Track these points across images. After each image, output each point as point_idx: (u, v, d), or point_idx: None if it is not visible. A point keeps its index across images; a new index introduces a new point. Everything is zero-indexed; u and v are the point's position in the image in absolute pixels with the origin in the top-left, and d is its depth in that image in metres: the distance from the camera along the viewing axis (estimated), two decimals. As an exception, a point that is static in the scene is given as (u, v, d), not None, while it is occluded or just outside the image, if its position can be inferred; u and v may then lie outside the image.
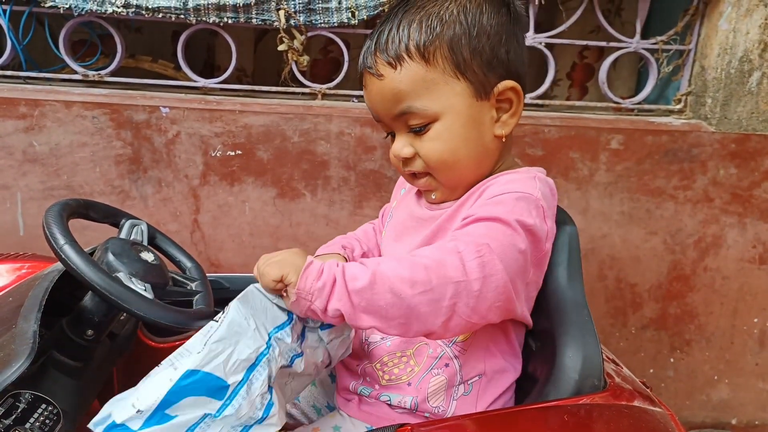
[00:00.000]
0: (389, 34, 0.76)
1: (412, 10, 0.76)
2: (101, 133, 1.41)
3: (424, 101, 0.75)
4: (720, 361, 1.62)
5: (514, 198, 0.73)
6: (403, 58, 0.74)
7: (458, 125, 0.76)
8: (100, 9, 1.36)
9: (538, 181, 0.77)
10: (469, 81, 0.75)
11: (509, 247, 0.69)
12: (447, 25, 0.74)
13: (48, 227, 0.81)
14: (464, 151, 0.78)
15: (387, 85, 0.76)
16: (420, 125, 0.77)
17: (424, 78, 0.75)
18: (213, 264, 1.51)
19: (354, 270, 0.66)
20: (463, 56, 0.74)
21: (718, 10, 1.46)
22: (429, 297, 0.65)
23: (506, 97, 0.78)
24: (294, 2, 1.38)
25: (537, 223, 0.73)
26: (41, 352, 0.83)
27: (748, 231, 1.53)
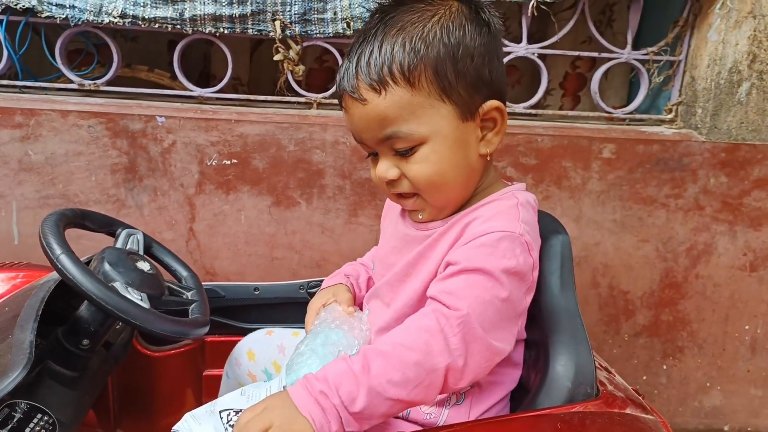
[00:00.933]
0: (371, 56, 0.74)
1: (393, 31, 0.74)
2: (97, 142, 1.42)
3: (410, 125, 0.74)
4: (712, 367, 1.64)
5: (497, 239, 0.73)
6: (387, 82, 0.73)
7: (445, 148, 0.76)
8: (96, 19, 1.37)
9: (520, 210, 0.78)
10: (455, 103, 0.75)
11: (490, 302, 0.71)
12: (431, 47, 0.72)
13: (45, 237, 0.81)
14: (452, 173, 0.77)
15: (371, 110, 0.75)
16: (406, 148, 0.76)
17: (409, 102, 0.73)
18: (209, 272, 1.51)
19: (349, 389, 0.66)
20: (448, 79, 0.73)
21: (708, 22, 1.48)
22: (424, 388, 0.69)
23: (491, 116, 0.78)
24: (290, 13, 1.39)
25: (521, 262, 0.73)
26: (37, 361, 0.83)
27: (738, 239, 1.55)
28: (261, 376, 1.06)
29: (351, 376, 0.67)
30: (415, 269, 0.83)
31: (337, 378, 0.67)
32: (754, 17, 1.43)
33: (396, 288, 0.86)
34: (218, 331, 1.24)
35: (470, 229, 0.77)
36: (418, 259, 0.83)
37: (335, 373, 0.68)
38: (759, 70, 1.46)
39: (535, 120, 1.57)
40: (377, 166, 0.80)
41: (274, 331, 1.13)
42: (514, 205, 0.79)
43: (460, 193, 0.81)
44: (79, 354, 0.88)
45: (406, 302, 0.82)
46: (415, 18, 0.74)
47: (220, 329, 1.24)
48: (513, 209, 0.78)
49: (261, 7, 1.38)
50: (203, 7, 1.37)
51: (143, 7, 1.37)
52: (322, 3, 1.39)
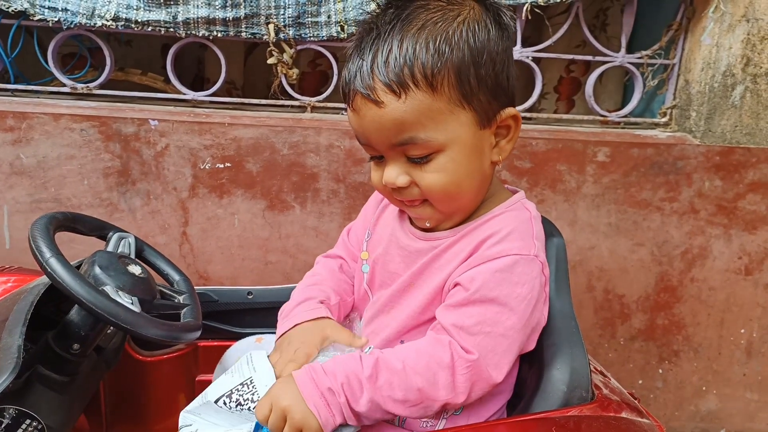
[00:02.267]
0: (389, 54, 0.68)
1: (413, 29, 0.69)
2: (89, 145, 1.41)
3: (429, 132, 0.70)
4: (708, 371, 1.63)
5: (512, 263, 0.72)
6: (408, 85, 0.68)
7: (462, 156, 0.73)
8: (89, 22, 1.37)
9: (534, 224, 0.78)
10: (475, 110, 0.71)
11: (503, 336, 0.72)
12: (456, 50, 0.68)
13: (34, 240, 0.81)
14: (467, 182, 0.75)
15: (388, 113, 0.69)
16: (422, 155, 0.72)
17: (430, 108, 0.69)
18: (202, 276, 1.50)
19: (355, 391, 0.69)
20: (470, 84, 0.70)
21: (701, 26, 1.49)
22: (420, 409, 0.72)
23: (506, 123, 0.76)
24: (283, 16, 1.39)
25: (535, 285, 0.74)
26: (26, 366, 0.82)
27: (733, 242, 1.55)
28: None
29: (358, 380, 0.70)
30: (419, 279, 0.81)
31: (346, 377, 0.70)
32: (748, 21, 1.43)
33: (399, 298, 0.84)
34: (211, 336, 1.23)
35: (484, 248, 0.75)
36: (423, 270, 0.80)
37: (345, 371, 0.70)
38: (753, 73, 1.46)
39: (529, 123, 1.57)
40: (385, 172, 0.75)
41: (263, 338, 1.12)
42: (528, 219, 0.78)
43: (471, 202, 0.79)
44: (69, 359, 0.87)
45: (409, 313, 0.81)
46: (437, 17, 0.69)
47: (213, 334, 1.23)
48: (527, 224, 0.77)
49: (255, 10, 1.38)
50: (197, 10, 1.37)
51: (136, 10, 1.37)
52: (316, 6, 1.39)
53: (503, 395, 0.84)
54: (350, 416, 0.70)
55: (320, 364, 0.72)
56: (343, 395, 0.69)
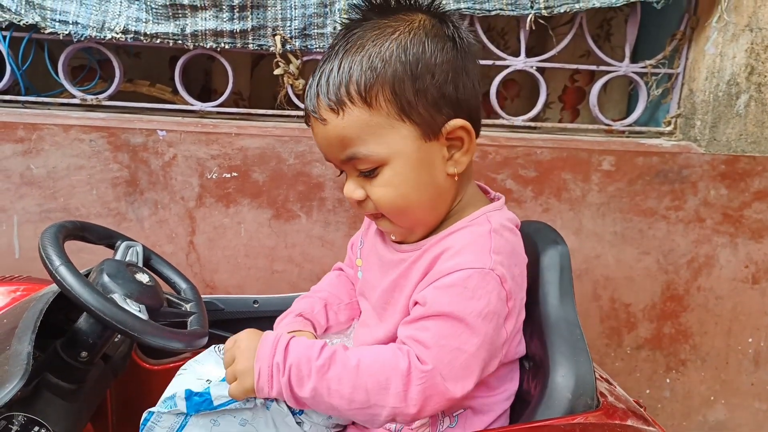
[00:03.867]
0: (330, 74, 0.72)
1: (353, 50, 0.72)
2: (98, 156, 1.43)
3: (370, 147, 0.72)
4: (716, 381, 1.62)
5: (466, 277, 0.70)
6: (345, 102, 0.71)
7: (408, 169, 0.73)
8: (99, 35, 1.39)
9: (492, 238, 0.74)
10: (416, 123, 0.72)
11: (459, 350, 0.70)
12: (388, 65, 0.70)
13: (44, 249, 0.82)
14: (415, 195, 0.75)
15: (331, 130, 0.73)
16: (368, 170, 0.74)
17: (368, 123, 0.71)
18: (208, 285, 1.51)
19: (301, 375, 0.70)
20: (407, 98, 0.71)
21: (705, 35, 1.49)
22: (365, 412, 0.70)
23: (457, 135, 0.75)
24: (290, 28, 1.41)
25: (492, 299, 0.71)
26: (35, 374, 0.83)
27: (739, 251, 1.54)
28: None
29: (309, 366, 0.70)
30: (393, 298, 0.81)
31: (297, 359, 0.70)
32: (751, 30, 1.44)
33: (380, 315, 0.85)
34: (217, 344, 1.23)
35: (439, 264, 0.74)
36: (395, 288, 0.81)
37: (299, 354, 0.71)
38: (757, 82, 1.46)
39: (534, 133, 1.58)
40: (345, 186, 0.78)
41: None
42: (487, 232, 0.75)
43: (427, 215, 0.78)
44: (77, 366, 0.88)
45: (386, 333, 0.81)
46: (375, 35, 0.72)
47: (219, 342, 1.23)
48: (484, 238, 0.74)
49: (262, 22, 1.40)
50: (204, 22, 1.39)
51: (145, 23, 1.39)
52: (322, 18, 1.41)
53: (500, 404, 0.83)
54: (289, 397, 0.71)
55: (289, 337, 0.73)
56: (286, 376, 0.70)
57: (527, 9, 1.42)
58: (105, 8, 1.38)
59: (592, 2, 1.42)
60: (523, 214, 1.50)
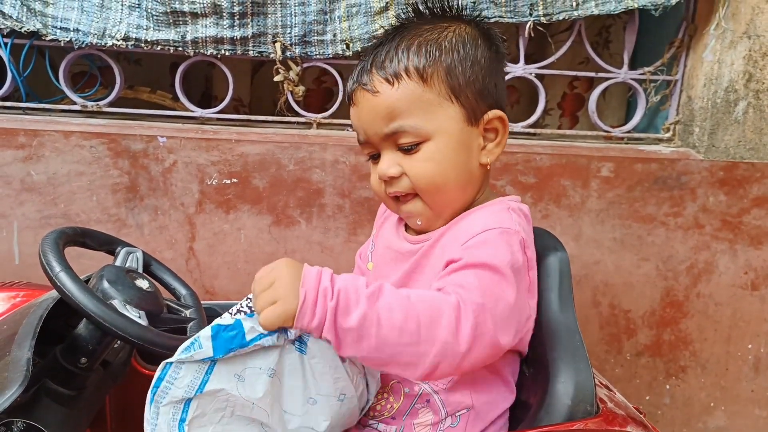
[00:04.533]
0: (387, 54, 0.78)
1: (410, 36, 0.79)
2: (99, 162, 1.43)
3: (417, 120, 0.77)
4: (716, 387, 1.62)
5: (498, 234, 0.74)
6: (402, 76, 0.77)
7: (449, 148, 0.78)
8: (100, 42, 1.39)
9: (513, 213, 0.80)
10: (462, 105, 0.78)
11: (501, 298, 0.70)
12: (445, 52, 0.77)
13: (44, 255, 0.82)
14: (453, 173, 0.80)
15: (382, 101, 0.78)
16: (411, 144, 0.78)
17: (420, 97, 0.77)
18: (208, 291, 1.51)
19: (349, 303, 0.64)
20: (458, 81, 0.77)
21: (703, 42, 1.50)
22: (414, 349, 0.65)
23: (493, 126, 0.82)
24: (290, 35, 1.42)
25: (519, 258, 0.75)
26: (34, 380, 0.83)
27: (739, 257, 1.55)
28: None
29: (357, 294, 0.64)
30: (411, 279, 0.83)
31: (346, 287, 0.64)
32: (749, 37, 1.44)
33: None
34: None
35: (465, 229, 0.78)
36: (415, 269, 0.83)
37: (347, 283, 0.65)
38: (755, 89, 1.47)
39: (533, 139, 1.58)
40: (380, 164, 0.81)
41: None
42: (506, 208, 0.81)
43: (458, 198, 0.82)
44: (76, 373, 0.88)
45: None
46: (431, 28, 0.80)
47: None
48: (505, 212, 0.80)
49: (262, 29, 1.41)
50: (205, 29, 1.39)
51: (146, 30, 1.40)
52: (322, 25, 1.41)
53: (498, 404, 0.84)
54: (330, 328, 0.63)
55: (329, 270, 0.67)
56: (334, 301, 0.63)
57: (526, 16, 1.43)
58: (106, 15, 1.39)
59: (591, 9, 1.43)
60: (523, 220, 1.50)
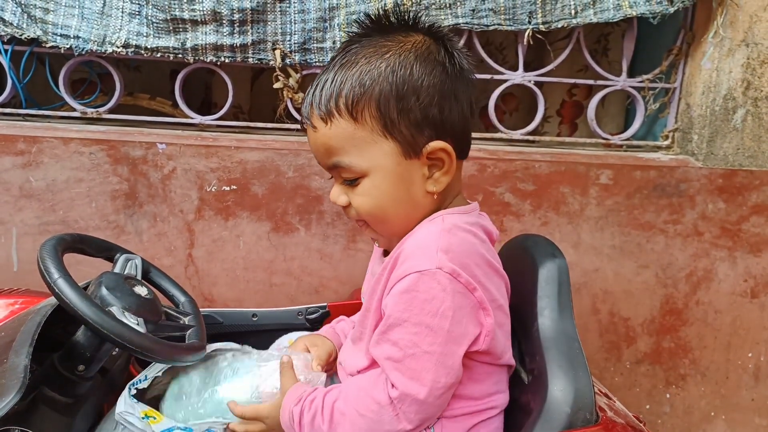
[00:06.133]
0: (324, 86, 0.77)
1: (347, 65, 0.76)
2: (98, 168, 1.43)
3: (352, 158, 0.77)
4: (716, 396, 1.62)
5: (415, 281, 0.74)
6: (333, 114, 0.76)
7: (386, 183, 0.77)
8: (100, 49, 1.40)
9: (442, 236, 0.76)
10: (397, 141, 0.76)
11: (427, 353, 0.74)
12: (375, 83, 0.74)
13: (43, 261, 0.82)
14: (392, 208, 0.79)
15: (319, 138, 0.78)
16: (350, 179, 0.79)
17: (353, 136, 0.76)
18: (207, 299, 1.51)
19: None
20: (390, 116, 0.75)
21: (701, 50, 1.51)
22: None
23: (437, 156, 0.78)
24: (289, 42, 1.42)
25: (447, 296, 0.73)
26: (32, 388, 0.82)
27: (738, 265, 1.54)
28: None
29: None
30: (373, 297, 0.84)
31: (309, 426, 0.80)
32: (747, 45, 1.45)
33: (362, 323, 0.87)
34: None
35: (396, 268, 0.78)
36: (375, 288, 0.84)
37: (309, 423, 0.80)
38: (753, 97, 1.47)
39: (532, 146, 1.58)
40: (331, 191, 0.84)
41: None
42: (438, 231, 0.78)
43: (402, 227, 0.82)
44: (74, 380, 0.87)
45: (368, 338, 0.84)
46: (371, 52, 0.76)
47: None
48: (434, 237, 0.77)
49: (261, 36, 1.41)
50: (205, 36, 1.40)
51: (146, 37, 1.40)
52: (321, 33, 1.42)
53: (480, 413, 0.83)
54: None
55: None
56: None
57: (525, 24, 1.44)
58: (106, 22, 1.39)
59: (589, 17, 1.43)
60: (522, 227, 1.50)
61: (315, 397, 0.81)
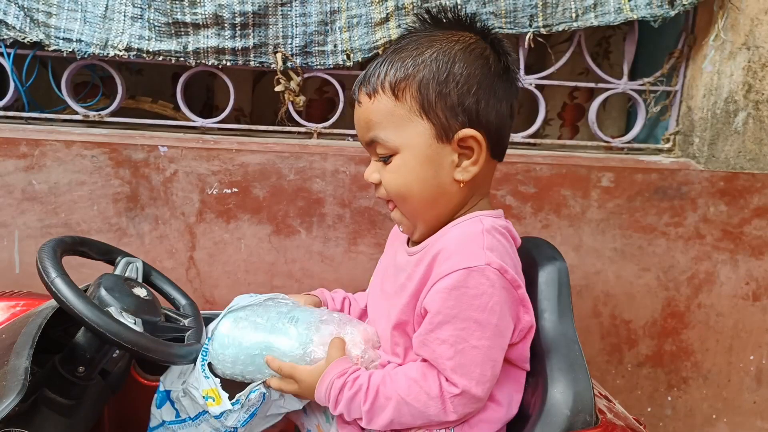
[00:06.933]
0: (375, 68, 0.83)
1: (398, 51, 0.82)
2: (100, 171, 1.44)
3: (388, 133, 0.81)
4: (718, 399, 1.61)
5: (464, 277, 0.76)
6: (378, 90, 0.81)
7: (415, 162, 0.81)
8: (102, 52, 1.40)
9: (486, 235, 0.80)
10: (432, 122, 0.80)
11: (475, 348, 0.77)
12: (419, 68, 0.79)
13: (41, 261, 0.82)
14: (417, 187, 0.82)
15: (363, 112, 0.84)
16: (384, 155, 0.83)
17: (392, 112, 0.80)
18: (208, 301, 1.51)
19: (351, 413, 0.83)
20: (428, 98, 0.79)
21: (702, 53, 1.51)
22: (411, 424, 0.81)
23: (468, 144, 0.81)
24: (291, 45, 1.42)
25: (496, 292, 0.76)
26: (32, 389, 0.83)
27: (740, 268, 1.54)
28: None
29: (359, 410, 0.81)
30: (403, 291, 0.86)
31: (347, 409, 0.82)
32: (748, 48, 1.45)
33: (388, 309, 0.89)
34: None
35: (438, 265, 0.79)
36: (405, 283, 0.86)
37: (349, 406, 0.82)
38: (755, 100, 1.47)
39: (533, 149, 1.58)
40: (366, 169, 0.88)
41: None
42: (479, 231, 0.81)
43: (426, 210, 0.84)
44: (75, 382, 0.88)
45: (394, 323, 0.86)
46: (421, 42, 0.82)
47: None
48: (477, 236, 0.80)
49: (263, 40, 1.42)
50: (206, 40, 1.40)
51: (148, 40, 1.40)
52: (323, 36, 1.42)
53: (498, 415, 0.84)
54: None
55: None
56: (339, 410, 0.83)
57: (526, 27, 1.44)
58: (108, 26, 1.40)
59: (590, 21, 1.44)
60: (523, 230, 1.50)
61: (359, 375, 0.82)
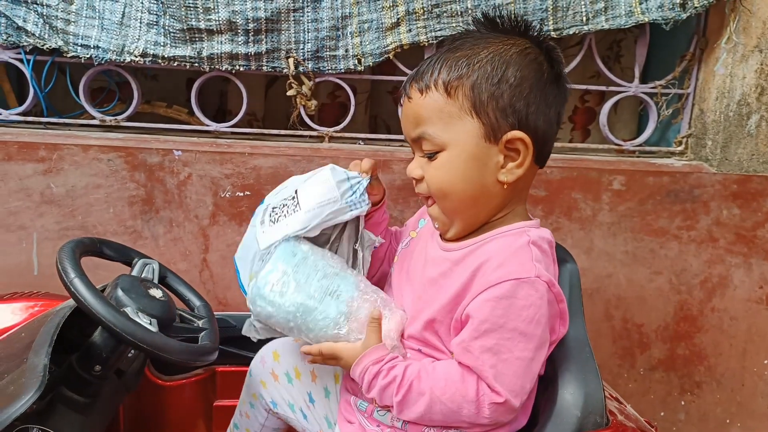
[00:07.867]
0: (426, 67, 0.83)
1: (453, 50, 0.83)
2: (116, 175, 1.46)
3: (436, 128, 0.81)
4: (731, 403, 1.60)
5: (514, 288, 0.76)
6: (430, 87, 0.81)
7: (460, 160, 0.81)
8: (119, 58, 1.43)
9: (532, 248, 0.80)
10: (482, 122, 0.80)
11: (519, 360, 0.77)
12: (473, 68, 0.80)
13: (60, 262, 0.84)
14: (461, 185, 0.82)
15: (412, 107, 0.84)
16: (430, 152, 0.83)
17: (442, 109, 0.80)
18: (221, 303, 1.53)
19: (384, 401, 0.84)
20: (480, 98, 0.79)
21: (715, 56, 1.50)
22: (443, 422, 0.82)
23: (515, 146, 0.81)
24: (303, 50, 1.44)
25: (544, 304, 0.77)
26: (50, 387, 0.84)
27: (753, 271, 1.53)
28: (282, 378, 1.08)
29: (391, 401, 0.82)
30: (434, 288, 0.86)
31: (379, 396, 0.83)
32: (761, 51, 1.44)
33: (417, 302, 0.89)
34: (229, 361, 1.24)
35: (483, 274, 0.79)
36: (433, 284, 0.86)
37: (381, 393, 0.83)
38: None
39: (544, 153, 1.58)
40: (409, 164, 0.88)
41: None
42: (526, 243, 0.81)
43: (466, 209, 0.84)
44: (91, 380, 0.89)
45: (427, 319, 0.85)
46: (477, 44, 0.82)
47: (231, 359, 1.24)
48: (525, 248, 0.80)
49: (276, 45, 1.43)
50: (220, 46, 1.42)
51: (163, 46, 1.43)
52: (334, 41, 1.44)
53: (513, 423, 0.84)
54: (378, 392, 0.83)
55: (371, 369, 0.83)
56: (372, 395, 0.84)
57: (536, 31, 1.44)
58: (125, 33, 1.43)
59: (601, 24, 1.44)
60: (534, 233, 1.50)
61: (395, 365, 0.82)
